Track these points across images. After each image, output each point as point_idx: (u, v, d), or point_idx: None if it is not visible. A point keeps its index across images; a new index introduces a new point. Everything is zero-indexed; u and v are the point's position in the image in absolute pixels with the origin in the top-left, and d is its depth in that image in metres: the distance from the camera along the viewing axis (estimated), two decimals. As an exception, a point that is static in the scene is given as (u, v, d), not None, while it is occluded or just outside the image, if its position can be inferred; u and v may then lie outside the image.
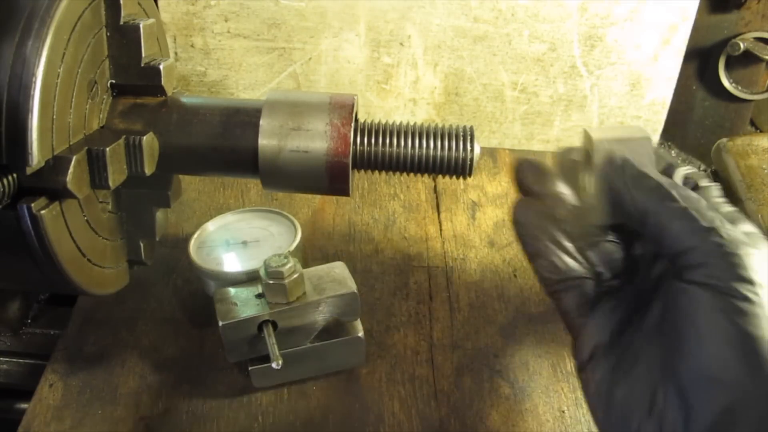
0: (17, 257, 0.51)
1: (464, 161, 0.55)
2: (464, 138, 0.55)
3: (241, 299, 0.62)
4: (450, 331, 0.71)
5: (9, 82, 0.47)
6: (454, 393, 0.66)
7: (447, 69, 0.95)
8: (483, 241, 0.83)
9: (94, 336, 0.70)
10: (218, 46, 0.94)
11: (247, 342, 0.61)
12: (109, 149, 0.52)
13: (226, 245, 0.70)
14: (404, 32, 0.92)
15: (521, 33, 0.91)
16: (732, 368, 0.40)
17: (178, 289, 0.75)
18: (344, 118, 0.54)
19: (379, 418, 0.63)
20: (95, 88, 0.55)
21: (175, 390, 0.65)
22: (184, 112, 0.57)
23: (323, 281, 0.63)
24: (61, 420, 0.62)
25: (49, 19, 0.48)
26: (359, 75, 0.96)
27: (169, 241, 0.78)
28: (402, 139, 0.56)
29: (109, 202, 0.59)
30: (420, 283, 0.77)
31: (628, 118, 0.96)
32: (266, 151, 0.55)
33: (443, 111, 0.99)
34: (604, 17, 0.89)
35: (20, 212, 0.48)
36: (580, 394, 0.66)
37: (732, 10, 0.95)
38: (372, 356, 0.68)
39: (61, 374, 0.66)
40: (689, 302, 0.42)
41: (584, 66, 0.93)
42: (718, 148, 0.98)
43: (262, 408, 0.64)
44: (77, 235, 0.53)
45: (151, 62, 0.57)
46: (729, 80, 0.99)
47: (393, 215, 0.86)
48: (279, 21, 0.92)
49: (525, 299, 0.75)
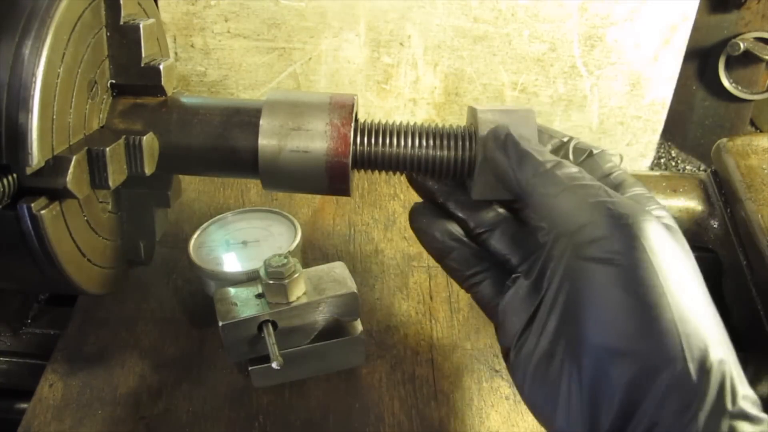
0: (17, 257, 0.51)
1: (464, 161, 0.55)
2: (464, 138, 0.55)
3: (241, 299, 0.62)
4: (450, 331, 0.71)
5: (9, 82, 0.47)
6: (454, 393, 0.66)
7: (447, 69, 0.95)
8: (483, 241, 0.83)
9: (94, 336, 0.70)
10: (218, 46, 0.94)
11: (247, 342, 0.61)
12: (109, 149, 0.52)
13: (226, 245, 0.70)
14: (404, 32, 0.92)
15: (521, 33, 0.91)
16: (635, 340, 0.40)
17: (178, 289, 0.75)
18: (344, 118, 0.54)
19: (379, 418, 0.63)
20: (95, 88, 0.55)
21: (175, 390, 0.65)
22: (184, 112, 0.57)
23: (323, 281, 0.63)
24: (61, 420, 0.62)
25: (49, 19, 0.48)
26: (359, 75, 0.96)
27: (169, 241, 0.78)
28: (402, 139, 0.56)
29: (109, 202, 0.59)
30: (420, 283, 0.77)
31: (628, 118, 0.96)
32: (266, 151, 0.55)
33: (443, 111, 0.99)
34: (604, 17, 0.89)
35: (20, 212, 0.48)
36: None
37: (732, 10, 0.95)
38: (372, 356, 0.68)
39: (61, 374, 0.66)
40: (587, 282, 0.42)
41: (584, 66, 0.93)
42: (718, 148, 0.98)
43: (262, 408, 0.64)
44: (77, 235, 0.53)
45: (151, 62, 0.57)
46: (729, 80, 0.99)
47: (393, 215, 0.86)
48: (279, 21, 0.92)
49: (525, 299, 0.75)
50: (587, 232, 0.43)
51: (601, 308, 0.41)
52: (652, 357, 0.39)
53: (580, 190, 0.45)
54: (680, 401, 0.38)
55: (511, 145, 0.49)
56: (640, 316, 0.40)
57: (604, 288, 0.41)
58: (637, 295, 0.40)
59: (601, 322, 0.41)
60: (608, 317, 0.41)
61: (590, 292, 0.42)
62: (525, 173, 0.48)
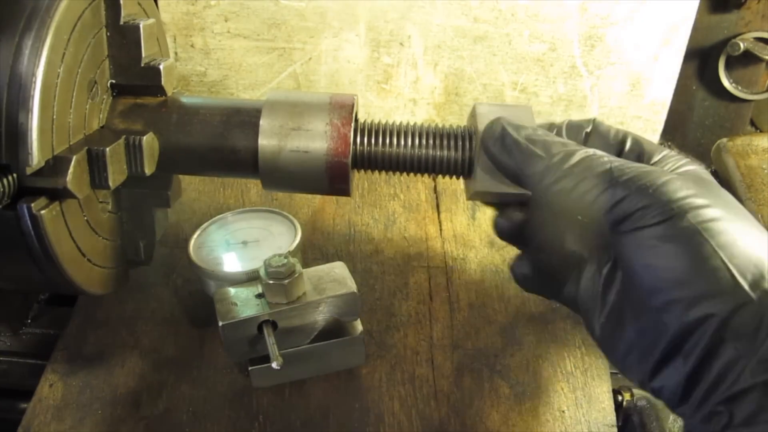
0: (17, 257, 0.51)
1: (464, 161, 0.55)
2: (464, 138, 0.55)
3: (241, 299, 0.62)
4: (450, 331, 0.71)
5: (9, 82, 0.47)
6: (454, 393, 0.66)
7: (447, 69, 0.95)
8: (483, 241, 0.83)
9: (94, 336, 0.70)
10: (218, 46, 0.94)
11: (247, 342, 0.61)
12: (109, 149, 0.52)
13: (226, 245, 0.70)
14: (404, 32, 0.92)
15: (521, 33, 0.91)
16: (690, 285, 0.41)
17: (178, 289, 0.75)
18: (344, 118, 0.54)
19: (379, 418, 0.63)
20: (95, 88, 0.55)
21: (175, 390, 0.65)
22: (184, 112, 0.57)
23: (323, 281, 0.63)
24: (61, 420, 0.62)
25: (49, 19, 0.48)
26: (359, 75, 0.96)
27: (169, 241, 0.78)
28: (402, 139, 0.56)
29: (109, 202, 0.59)
30: (420, 283, 0.77)
31: (628, 118, 0.96)
32: (266, 151, 0.55)
33: (443, 111, 0.99)
34: (604, 17, 0.89)
35: (20, 212, 0.48)
36: (580, 393, 0.66)
37: (732, 10, 0.95)
38: (372, 356, 0.68)
39: (61, 374, 0.66)
40: (634, 250, 0.44)
41: (584, 66, 0.93)
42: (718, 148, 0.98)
43: (262, 408, 0.64)
44: (77, 235, 0.53)
45: (151, 62, 0.57)
46: (729, 80, 0.99)
47: (393, 215, 0.86)
48: (279, 21, 0.92)
49: (525, 299, 0.75)
50: (624, 207, 0.45)
51: (651, 267, 0.43)
52: (706, 294, 0.41)
53: (601, 168, 0.47)
54: (745, 324, 0.39)
55: (507, 138, 0.51)
56: (688, 263, 0.42)
57: (649, 250, 0.43)
58: (687, 244, 0.42)
59: (653, 279, 0.43)
60: (659, 273, 0.43)
61: (639, 257, 0.44)
62: (530, 168, 0.49)
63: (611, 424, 0.63)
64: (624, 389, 0.68)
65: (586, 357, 0.69)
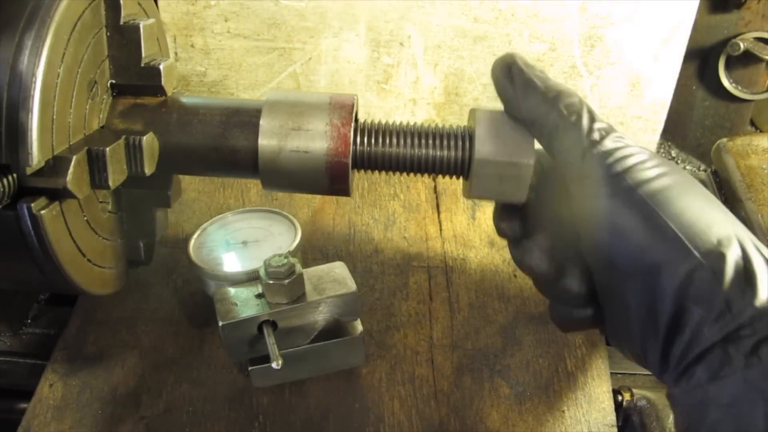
0: (17, 257, 0.51)
1: (464, 161, 0.55)
2: (464, 138, 0.55)
3: (241, 299, 0.62)
4: (450, 331, 0.71)
5: (9, 81, 0.47)
6: (454, 393, 0.66)
7: (447, 69, 0.95)
8: (483, 241, 0.83)
9: (94, 336, 0.70)
10: (218, 46, 0.94)
11: (247, 342, 0.61)
12: (109, 149, 0.51)
13: (226, 245, 0.70)
14: (404, 32, 0.92)
15: (521, 33, 0.91)
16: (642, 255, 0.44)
17: (178, 289, 0.75)
18: (344, 118, 0.54)
19: (379, 418, 0.63)
20: (95, 88, 0.55)
21: (175, 390, 0.65)
22: (184, 112, 0.57)
23: (323, 281, 0.63)
24: (61, 420, 0.62)
25: (49, 19, 0.48)
26: (359, 75, 0.96)
27: (169, 241, 0.78)
28: (402, 139, 0.56)
29: (109, 202, 0.59)
30: (420, 283, 0.77)
31: (628, 118, 0.96)
32: (266, 151, 0.55)
33: (443, 111, 0.99)
34: (604, 17, 0.89)
35: (20, 212, 0.48)
36: (580, 393, 0.66)
37: (732, 10, 0.95)
38: (372, 356, 0.68)
39: (61, 374, 0.66)
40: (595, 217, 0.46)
41: (584, 66, 0.93)
42: (718, 148, 0.98)
43: (262, 408, 0.64)
44: (77, 235, 0.53)
45: (151, 62, 0.57)
46: (729, 80, 0.99)
47: (393, 215, 0.86)
48: (279, 21, 0.92)
49: (525, 299, 0.75)
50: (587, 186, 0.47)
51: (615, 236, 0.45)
52: (661, 263, 0.43)
53: (573, 131, 0.49)
54: (702, 288, 0.41)
55: (516, 71, 0.52)
56: (642, 233, 0.44)
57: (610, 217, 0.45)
58: (635, 215, 0.44)
59: (617, 247, 0.45)
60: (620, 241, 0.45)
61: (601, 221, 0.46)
62: (529, 102, 0.50)
63: (611, 424, 0.63)
64: (624, 389, 0.68)
65: (586, 357, 0.69)
